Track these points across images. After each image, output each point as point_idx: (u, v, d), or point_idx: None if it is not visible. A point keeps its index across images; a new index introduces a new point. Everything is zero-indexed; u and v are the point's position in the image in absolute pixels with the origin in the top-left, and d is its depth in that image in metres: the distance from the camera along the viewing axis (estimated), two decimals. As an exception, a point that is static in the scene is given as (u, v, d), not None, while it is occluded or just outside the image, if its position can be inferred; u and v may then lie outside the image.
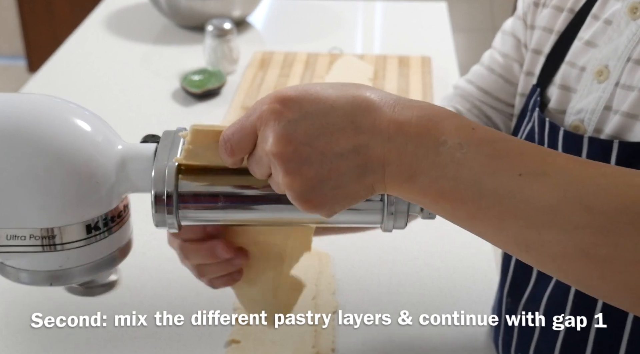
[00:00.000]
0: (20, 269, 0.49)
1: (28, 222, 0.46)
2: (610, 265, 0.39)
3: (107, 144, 0.48)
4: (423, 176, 0.42)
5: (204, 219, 0.51)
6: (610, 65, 0.61)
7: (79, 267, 0.49)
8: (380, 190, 0.45)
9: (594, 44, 0.63)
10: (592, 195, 0.40)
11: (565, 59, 0.66)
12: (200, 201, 0.49)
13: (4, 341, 0.81)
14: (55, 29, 2.94)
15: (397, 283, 0.91)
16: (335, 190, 0.44)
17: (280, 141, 0.43)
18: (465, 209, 0.42)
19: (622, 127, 0.59)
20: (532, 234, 0.41)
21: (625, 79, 0.60)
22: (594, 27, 0.64)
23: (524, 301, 0.70)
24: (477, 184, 0.42)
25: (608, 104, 0.61)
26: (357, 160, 0.43)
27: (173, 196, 0.48)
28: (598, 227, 0.39)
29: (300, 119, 0.43)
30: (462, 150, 0.42)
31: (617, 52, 0.60)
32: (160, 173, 0.48)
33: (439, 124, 0.43)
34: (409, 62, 1.47)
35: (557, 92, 0.66)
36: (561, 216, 0.40)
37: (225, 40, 1.40)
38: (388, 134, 0.43)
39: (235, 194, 0.49)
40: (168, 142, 0.50)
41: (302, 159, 0.43)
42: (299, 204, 0.44)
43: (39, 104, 0.48)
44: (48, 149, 0.46)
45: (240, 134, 0.45)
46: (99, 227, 0.48)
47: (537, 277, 0.68)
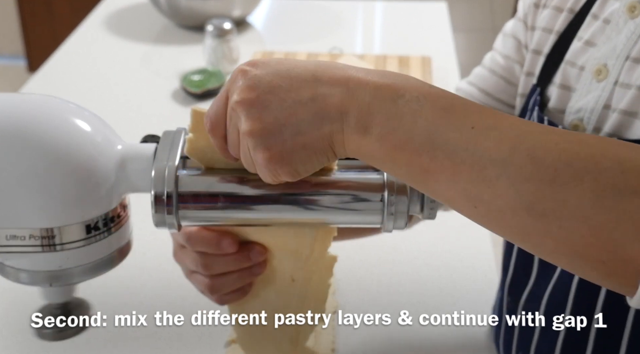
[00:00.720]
0: (20, 269, 0.49)
1: (28, 222, 0.46)
2: (554, 220, 0.40)
3: (107, 144, 0.48)
4: (380, 127, 0.43)
5: (203, 219, 0.51)
6: (609, 64, 0.61)
7: (79, 267, 0.49)
8: (339, 146, 0.45)
9: (592, 43, 0.63)
10: (540, 148, 0.40)
11: (564, 59, 0.66)
12: (200, 201, 0.49)
13: (4, 341, 0.81)
14: (55, 29, 2.94)
15: (397, 283, 0.91)
16: (293, 137, 0.44)
17: (244, 90, 0.45)
18: (420, 162, 0.43)
19: (621, 125, 0.59)
20: (482, 187, 0.41)
21: (623, 78, 0.60)
22: (593, 26, 0.64)
23: (524, 300, 0.70)
24: (432, 135, 0.42)
25: (607, 102, 0.61)
26: (315, 107, 0.44)
27: (173, 196, 0.48)
28: (544, 179, 0.40)
29: (265, 74, 0.45)
30: (419, 103, 0.43)
31: (616, 50, 0.60)
32: (160, 173, 0.48)
33: (399, 82, 0.44)
34: (409, 62, 1.47)
35: (556, 92, 0.66)
36: (511, 168, 0.40)
37: (225, 40, 1.40)
38: (347, 86, 0.44)
39: (235, 194, 0.49)
40: (168, 142, 0.50)
41: (263, 105, 0.44)
42: (260, 154, 0.45)
43: (39, 104, 0.48)
44: (48, 149, 0.46)
45: (215, 104, 0.47)
46: (98, 227, 0.48)
47: (537, 275, 0.68)
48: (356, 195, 0.50)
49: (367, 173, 0.50)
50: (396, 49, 1.55)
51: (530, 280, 0.69)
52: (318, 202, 0.50)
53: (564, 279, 0.64)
